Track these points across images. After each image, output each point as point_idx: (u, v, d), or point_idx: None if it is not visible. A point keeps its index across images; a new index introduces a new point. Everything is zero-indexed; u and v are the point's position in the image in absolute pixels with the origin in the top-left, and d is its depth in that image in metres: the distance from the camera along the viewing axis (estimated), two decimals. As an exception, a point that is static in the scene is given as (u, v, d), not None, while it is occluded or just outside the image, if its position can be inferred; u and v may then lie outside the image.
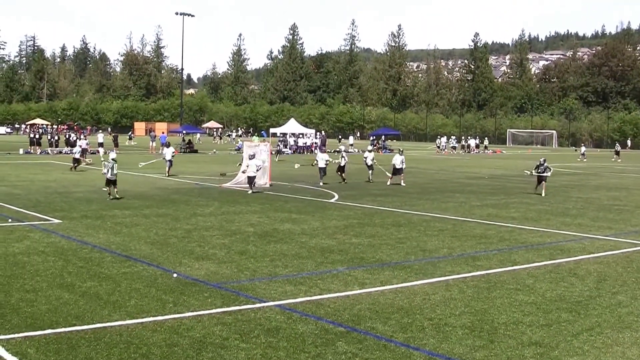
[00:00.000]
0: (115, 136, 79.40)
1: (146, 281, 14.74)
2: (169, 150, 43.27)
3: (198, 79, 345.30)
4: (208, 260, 17.10)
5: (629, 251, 19.96)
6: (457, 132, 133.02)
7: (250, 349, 10.54)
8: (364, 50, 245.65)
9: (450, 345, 10.95)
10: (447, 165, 63.38)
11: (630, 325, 12.29)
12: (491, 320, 12.41)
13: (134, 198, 30.29)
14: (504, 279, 15.82)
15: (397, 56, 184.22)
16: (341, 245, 19.74)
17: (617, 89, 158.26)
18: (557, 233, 23.03)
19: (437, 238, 21.35)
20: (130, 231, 21.36)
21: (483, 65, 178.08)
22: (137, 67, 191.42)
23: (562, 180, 47.09)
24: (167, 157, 42.58)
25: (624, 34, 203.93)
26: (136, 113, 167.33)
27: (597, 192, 38.40)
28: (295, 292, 14.11)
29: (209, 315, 12.26)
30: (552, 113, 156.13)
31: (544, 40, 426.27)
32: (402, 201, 31.07)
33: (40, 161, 54.91)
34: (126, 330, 11.32)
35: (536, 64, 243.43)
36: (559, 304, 13.66)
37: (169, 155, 42.51)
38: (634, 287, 15.31)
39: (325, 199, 31.36)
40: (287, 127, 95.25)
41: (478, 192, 36.82)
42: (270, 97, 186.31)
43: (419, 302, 13.55)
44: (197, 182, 38.79)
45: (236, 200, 30.03)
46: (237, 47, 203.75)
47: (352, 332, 11.50)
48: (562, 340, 11.36)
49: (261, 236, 20.93)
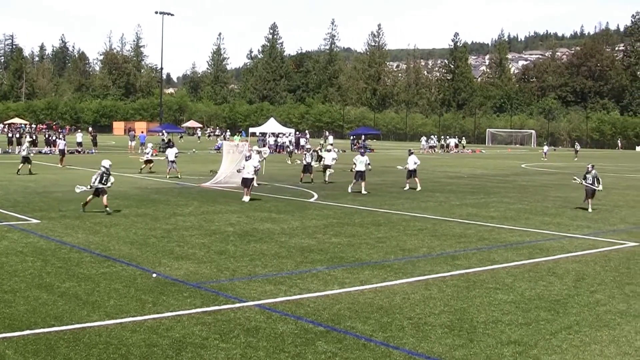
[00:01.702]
0: (94, 135, 79.08)
1: (125, 281, 14.68)
2: (172, 150, 43.01)
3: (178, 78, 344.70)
4: (187, 260, 17.06)
5: (607, 250, 20.09)
6: (437, 132, 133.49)
7: (229, 349, 10.52)
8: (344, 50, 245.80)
9: (430, 344, 10.98)
10: (426, 164, 63.47)
11: (608, 324, 12.36)
12: (470, 319, 12.45)
13: (114, 198, 30.11)
14: (483, 278, 15.88)
15: (376, 56, 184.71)
16: (321, 244, 19.74)
17: (596, 89, 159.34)
18: (536, 232, 23.13)
19: (416, 237, 21.39)
20: (110, 231, 21.26)
21: (462, 65, 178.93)
22: (116, 66, 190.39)
23: (541, 179, 47.35)
24: (170, 157, 42.27)
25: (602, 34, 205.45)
26: (115, 112, 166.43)
27: (576, 191, 38.50)
28: (275, 291, 14.10)
29: (189, 315, 12.23)
30: (531, 113, 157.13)
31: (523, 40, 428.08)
32: (381, 200, 31.11)
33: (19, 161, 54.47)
34: (105, 331, 11.27)
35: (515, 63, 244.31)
36: (537, 302, 13.72)
37: (172, 156, 42.22)
38: (612, 285, 15.40)
39: (305, 199, 31.35)
40: (266, 126, 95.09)
41: (458, 191, 36.93)
42: (249, 97, 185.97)
43: (398, 301, 13.57)
44: (177, 182, 38.66)
45: (216, 200, 29.97)
46: (217, 47, 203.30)
47: (332, 332, 11.50)
48: (541, 338, 11.42)
49: (241, 236, 20.90)
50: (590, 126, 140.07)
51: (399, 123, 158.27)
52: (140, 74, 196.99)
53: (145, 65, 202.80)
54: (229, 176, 37.31)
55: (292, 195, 32.86)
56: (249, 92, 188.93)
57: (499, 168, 60.77)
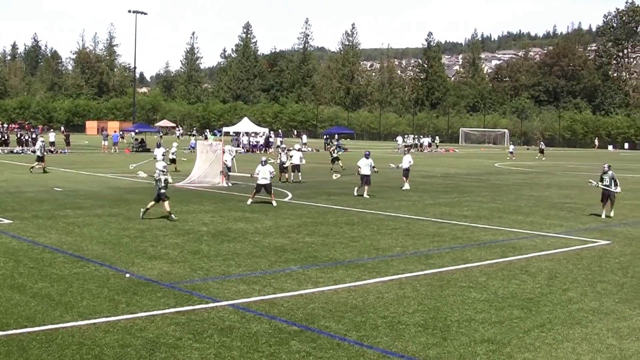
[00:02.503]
0: (67, 135, 78.63)
1: (98, 281, 14.60)
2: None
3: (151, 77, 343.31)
4: (161, 260, 17.00)
5: (579, 248, 20.22)
6: (410, 131, 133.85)
7: (203, 349, 10.50)
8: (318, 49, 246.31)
9: (404, 343, 11.01)
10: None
11: (580, 322, 12.45)
12: (444, 317, 12.49)
13: (87, 198, 30.01)
14: (457, 276, 15.93)
15: (350, 55, 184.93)
16: (294, 244, 19.74)
17: (568, 88, 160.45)
18: (509, 231, 23.25)
19: (390, 236, 21.43)
20: (83, 231, 21.15)
21: (436, 64, 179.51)
22: (89, 65, 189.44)
23: (514, 178, 47.61)
24: (158, 157, 42.26)
25: (575, 34, 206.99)
26: (88, 112, 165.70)
27: (549, 190, 38.84)
28: (249, 291, 14.07)
29: (162, 315, 12.19)
30: (504, 112, 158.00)
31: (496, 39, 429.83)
32: (355, 200, 31.14)
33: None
34: (78, 332, 11.20)
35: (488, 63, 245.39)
36: (510, 301, 13.79)
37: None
38: (584, 283, 15.50)
39: (279, 198, 31.30)
40: (240, 126, 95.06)
41: (431, 190, 37.04)
42: (223, 96, 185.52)
43: (372, 300, 13.59)
44: (151, 182, 38.45)
45: (189, 200, 29.87)
46: (191, 46, 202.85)
47: (306, 331, 11.50)
48: (514, 336, 11.47)
49: (214, 235, 20.85)
50: (563, 125, 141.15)
51: (372, 122, 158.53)
52: (113, 73, 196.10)
53: (118, 65, 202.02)
54: (203, 176, 37.28)
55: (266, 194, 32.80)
56: (223, 92, 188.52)
57: (472, 167, 61.03)
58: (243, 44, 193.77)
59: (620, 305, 13.70)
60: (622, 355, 10.70)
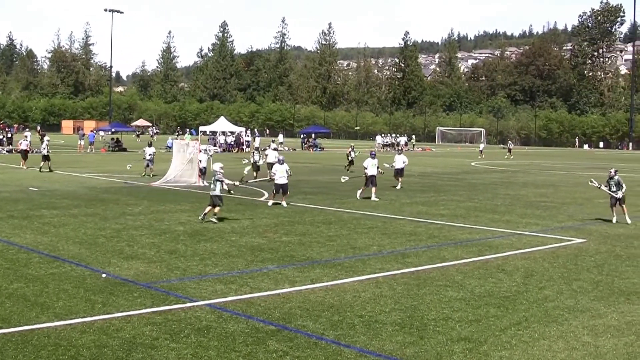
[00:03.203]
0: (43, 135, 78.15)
1: (74, 282, 14.53)
2: (150, 149, 43.19)
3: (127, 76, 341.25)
4: (137, 260, 16.93)
5: (555, 247, 20.33)
6: (387, 130, 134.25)
7: (180, 349, 10.47)
8: (295, 49, 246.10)
9: (381, 342, 11.02)
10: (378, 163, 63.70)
11: (556, 319, 12.52)
12: (421, 316, 12.52)
13: (63, 197, 29.86)
14: (434, 275, 15.97)
15: (327, 54, 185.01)
16: (271, 243, 19.72)
17: (544, 88, 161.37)
18: (485, 230, 23.34)
19: (367, 235, 21.47)
20: (58, 231, 21.04)
21: (413, 63, 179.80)
22: (65, 64, 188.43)
23: (490, 177, 47.83)
24: (147, 156, 42.71)
25: (550, 34, 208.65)
26: (64, 111, 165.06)
27: (525, 189, 39.02)
28: (226, 291, 14.05)
29: (139, 316, 12.14)
30: (480, 111, 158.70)
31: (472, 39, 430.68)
32: (332, 199, 31.16)
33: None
34: (54, 332, 11.13)
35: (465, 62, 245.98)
36: (487, 299, 13.85)
37: (148, 155, 42.59)
38: (560, 282, 15.59)
39: (256, 197, 31.30)
40: (216, 125, 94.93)
41: (408, 189, 37.11)
42: (200, 95, 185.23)
43: (349, 299, 13.60)
44: (127, 181, 38.39)
45: (166, 199, 29.79)
46: (167, 45, 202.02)
47: (283, 331, 11.50)
48: (491, 335, 11.52)
49: (191, 235, 20.80)
50: (539, 124, 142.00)
51: (349, 121, 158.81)
52: (90, 72, 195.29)
53: (94, 64, 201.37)
54: (179, 175, 37.20)
55: (243, 194, 32.77)
56: (199, 91, 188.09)
57: (448, 166, 61.23)
58: (220, 43, 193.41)
59: (596, 303, 13.78)
60: (598, 352, 10.77)
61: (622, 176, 26.35)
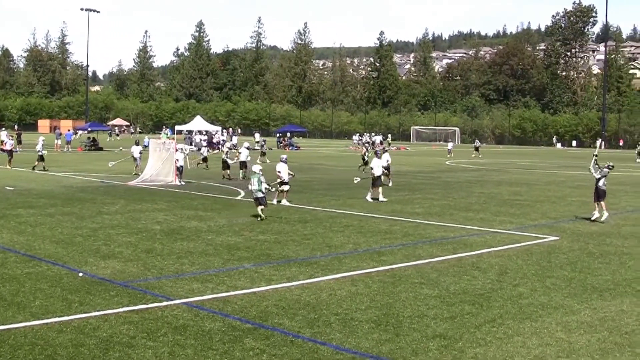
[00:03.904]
0: (19, 134, 77.75)
1: (51, 281, 14.51)
2: (137, 148, 43.96)
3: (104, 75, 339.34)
4: (114, 259, 16.93)
5: (529, 244, 20.48)
6: (362, 129, 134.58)
7: (157, 348, 10.49)
8: (270, 48, 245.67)
9: (357, 340, 11.09)
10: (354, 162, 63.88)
11: (530, 316, 12.65)
12: (396, 314, 12.61)
13: (39, 197, 29.75)
14: (409, 273, 16.07)
15: (303, 54, 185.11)
16: (248, 242, 19.77)
17: (518, 87, 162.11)
18: (460, 228, 23.48)
19: (342, 234, 21.55)
20: (35, 230, 20.98)
21: (388, 63, 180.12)
22: (41, 63, 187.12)
23: (465, 175, 48.04)
24: (135, 155, 43.46)
25: (524, 34, 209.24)
26: (40, 110, 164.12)
27: (499, 187, 39.23)
28: (202, 289, 14.09)
29: (116, 315, 12.14)
30: (455, 110, 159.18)
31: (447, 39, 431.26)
32: (308, 198, 31.22)
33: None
34: (31, 332, 11.12)
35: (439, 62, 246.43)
36: (462, 296, 13.96)
37: (137, 154, 43.19)
38: (534, 279, 15.74)
39: (232, 197, 31.32)
40: (193, 124, 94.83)
41: (383, 188, 37.18)
42: (176, 94, 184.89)
43: (325, 297, 13.68)
44: (103, 180, 38.29)
45: (142, 198, 29.74)
46: (143, 44, 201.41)
47: (260, 329, 11.55)
48: (466, 332, 11.62)
49: (168, 234, 20.81)
50: (512, 123, 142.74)
51: (324, 120, 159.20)
52: (66, 71, 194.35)
53: (70, 63, 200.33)
54: (156, 174, 37.16)
55: (219, 193, 32.81)
56: (176, 90, 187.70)
57: (423, 165, 61.43)
58: (196, 43, 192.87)
59: (569, 299, 13.93)
60: (571, 348, 10.90)
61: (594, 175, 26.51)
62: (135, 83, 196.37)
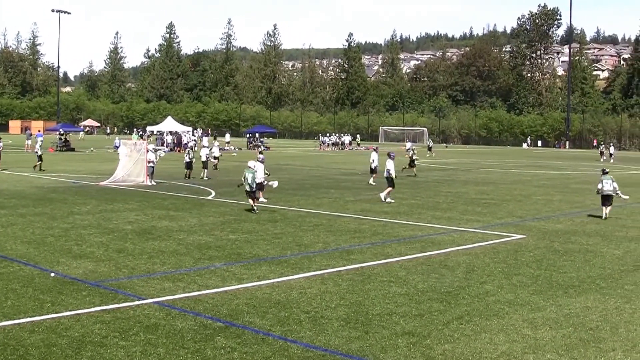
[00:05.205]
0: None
1: (23, 281, 14.51)
2: (124, 149, 42.99)
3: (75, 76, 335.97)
4: (86, 259, 16.94)
5: (495, 242, 20.72)
6: (331, 130, 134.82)
7: (129, 347, 10.55)
8: (240, 49, 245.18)
9: (327, 337, 11.21)
10: (322, 161, 64.06)
11: (497, 313, 12.83)
12: (366, 312, 12.75)
13: (10, 197, 29.62)
14: (378, 271, 16.23)
15: (272, 55, 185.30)
16: (218, 241, 19.85)
17: (484, 88, 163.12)
18: (428, 226, 23.70)
19: (312, 233, 21.69)
20: (6, 231, 20.91)
21: (356, 64, 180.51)
22: (12, 64, 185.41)
23: (432, 175, 48.31)
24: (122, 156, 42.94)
25: (490, 36, 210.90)
26: (11, 111, 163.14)
27: (466, 186, 39.52)
28: (174, 288, 14.16)
29: (88, 314, 12.18)
30: (422, 111, 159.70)
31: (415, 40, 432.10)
32: (277, 197, 31.29)
33: None
34: (2, 332, 11.14)
35: (407, 63, 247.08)
36: (430, 294, 14.12)
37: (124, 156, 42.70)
38: (500, 276, 15.95)
39: (202, 196, 31.35)
40: (164, 125, 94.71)
41: (352, 187, 37.46)
42: (147, 95, 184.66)
43: (295, 296, 13.80)
44: (75, 181, 38.15)
45: (114, 199, 29.70)
46: (114, 45, 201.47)
47: (231, 327, 11.65)
48: (434, 329, 11.78)
49: (139, 234, 20.84)
50: (479, 124, 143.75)
51: (294, 121, 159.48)
52: (37, 72, 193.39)
53: (41, 64, 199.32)
54: (127, 175, 37.14)
55: (190, 192, 32.82)
56: (147, 91, 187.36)
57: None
58: (166, 44, 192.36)
59: (535, 296, 14.15)
60: (537, 344, 11.09)
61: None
62: (106, 84, 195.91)
